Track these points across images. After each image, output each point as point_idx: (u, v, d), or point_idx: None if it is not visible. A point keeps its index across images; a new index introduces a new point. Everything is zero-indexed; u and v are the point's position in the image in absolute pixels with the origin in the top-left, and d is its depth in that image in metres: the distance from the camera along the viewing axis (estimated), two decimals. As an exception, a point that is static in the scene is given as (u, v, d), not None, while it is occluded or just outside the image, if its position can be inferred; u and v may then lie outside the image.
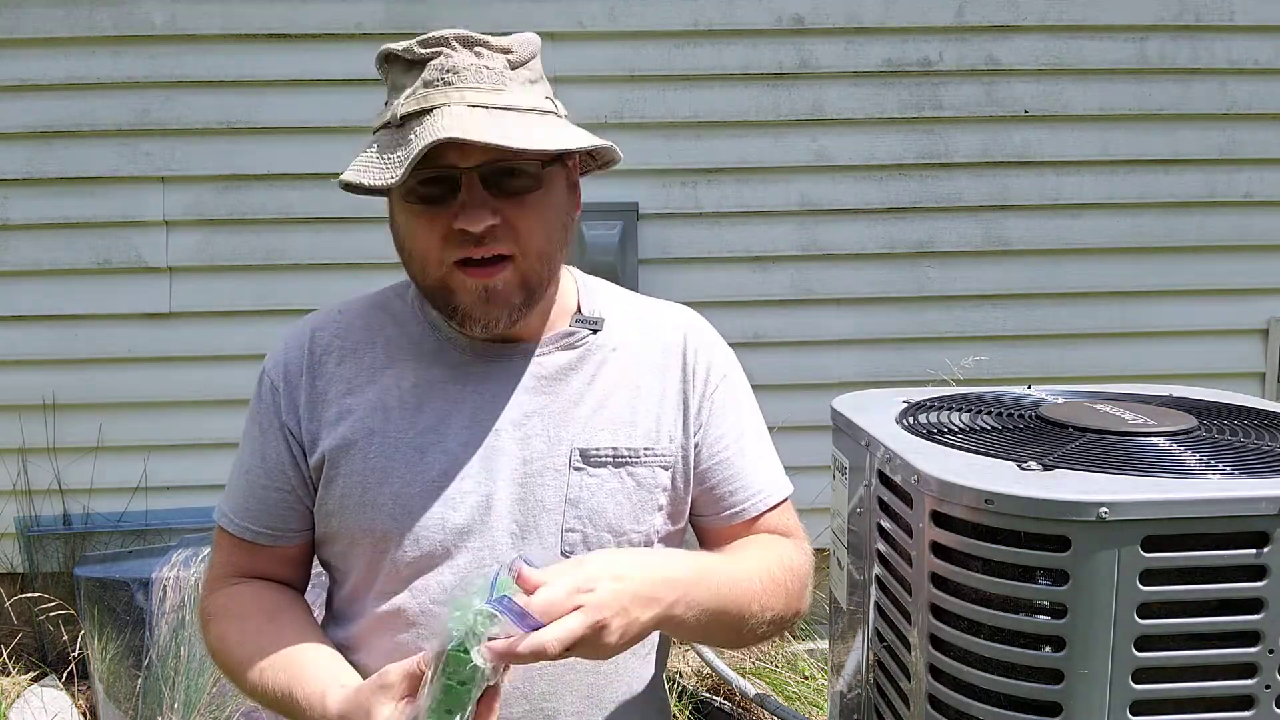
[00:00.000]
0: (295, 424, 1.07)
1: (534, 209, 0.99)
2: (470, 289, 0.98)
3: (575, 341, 1.10)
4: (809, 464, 3.04)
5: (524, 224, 0.98)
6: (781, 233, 3.18)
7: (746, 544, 1.12)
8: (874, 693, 1.11)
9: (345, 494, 1.04)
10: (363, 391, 1.06)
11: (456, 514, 1.02)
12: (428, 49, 0.97)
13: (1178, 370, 3.21)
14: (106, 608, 2.71)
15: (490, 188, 0.96)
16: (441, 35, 0.97)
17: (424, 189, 0.97)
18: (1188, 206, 3.24)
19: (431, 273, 0.99)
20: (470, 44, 0.98)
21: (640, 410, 1.09)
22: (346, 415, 1.05)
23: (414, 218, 0.98)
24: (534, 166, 0.98)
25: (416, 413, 1.05)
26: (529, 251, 0.99)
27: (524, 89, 0.99)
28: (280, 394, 1.08)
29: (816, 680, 2.82)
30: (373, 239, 3.04)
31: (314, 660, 1.00)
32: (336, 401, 1.06)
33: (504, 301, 0.99)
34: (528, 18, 3.01)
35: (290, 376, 1.08)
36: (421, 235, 0.98)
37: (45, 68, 3.01)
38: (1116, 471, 0.87)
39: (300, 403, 1.07)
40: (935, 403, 1.22)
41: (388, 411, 1.05)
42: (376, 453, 1.04)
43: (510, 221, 0.97)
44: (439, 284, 1.00)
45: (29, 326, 3.09)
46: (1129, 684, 0.83)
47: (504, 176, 0.97)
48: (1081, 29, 3.15)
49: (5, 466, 3.09)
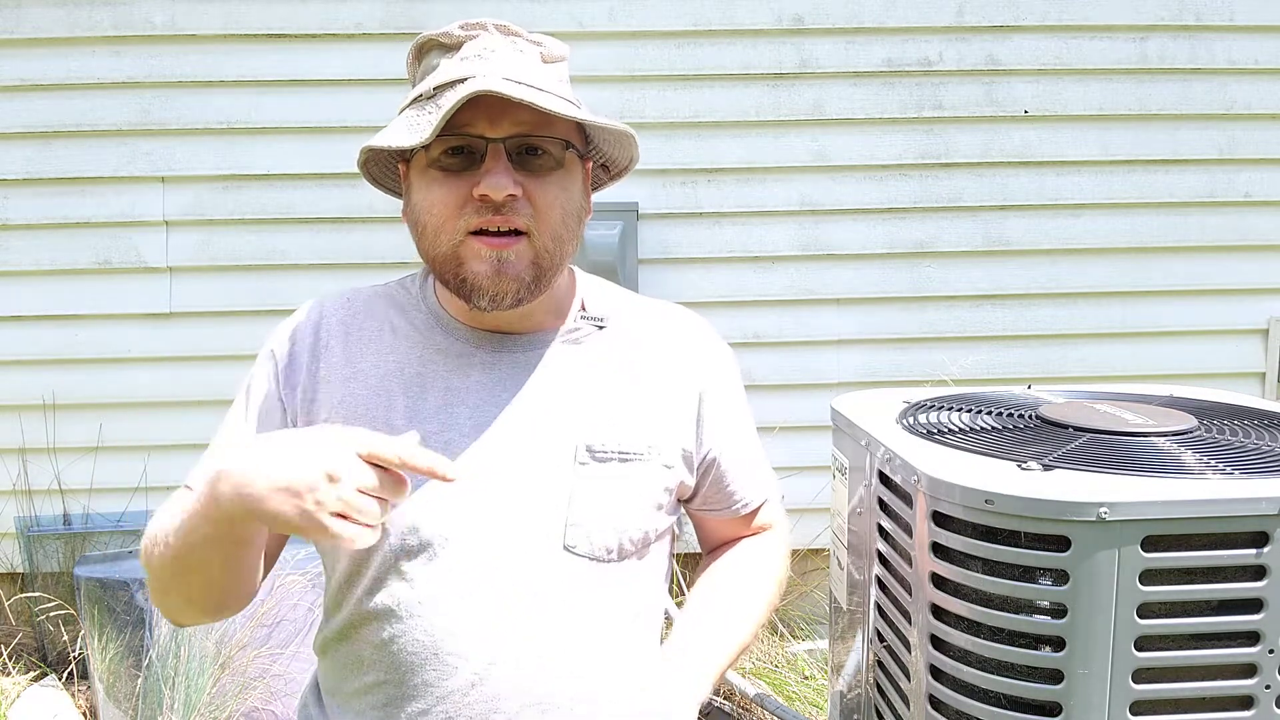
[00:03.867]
0: (293, 403, 1.06)
1: (553, 188, 1.00)
2: (484, 257, 0.98)
3: (580, 337, 1.11)
4: (809, 464, 3.06)
5: (543, 200, 0.99)
6: (781, 233, 3.18)
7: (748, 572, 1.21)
8: (874, 693, 1.11)
9: None
10: (365, 377, 1.06)
11: (454, 505, 1.02)
12: (466, 31, 1.00)
13: (1178, 370, 3.21)
14: (106, 608, 2.70)
15: (514, 162, 0.98)
16: (480, 21, 1.01)
17: (449, 159, 0.98)
18: (1188, 206, 3.24)
19: (445, 241, 0.99)
20: (507, 32, 1.02)
21: (644, 408, 1.10)
22: (348, 400, 1.05)
23: (434, 185, 0.99)
24: (557, 148, 1.00)
25: (419, 401, 1.05)
26: (544, 229, 0.99)
27: (555, 81, 1.02)
28: (282, 372, 1.07)
29: (816, 680, 2.82)
30: (373, 239, 3.05)
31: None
32: (340, 385, 1.06)
33: (514, 275, 0.99)
34: (528, 18, 3.01)
35: (295, 355, 1.08)
36: (440, 202, 0.98)
37: (45, 68, 3.01)
38: (1116, 471, 0.87)
39: (300, 383, 1.07)
40: (935, 403, 1.22)
41: (390, 398, 1.05)
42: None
43: (530, 196, 0.98)
44: (450, 254, 0.99)
45: (29, 326, 3.09)
46: (1129, 684, 0.83)
47: (529, 153, 0.99)
48: (1081, 29, 3.15)
49: (5, 466, 3.09)
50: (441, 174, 0.99)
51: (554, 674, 1.02)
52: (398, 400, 1.05)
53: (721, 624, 1.14)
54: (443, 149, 0.98)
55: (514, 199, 0.97)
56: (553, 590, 1.02)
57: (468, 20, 1.01)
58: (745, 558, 1.23)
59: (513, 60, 0.99)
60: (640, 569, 1.09)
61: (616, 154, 1.14)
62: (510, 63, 0.98)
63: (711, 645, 1.11)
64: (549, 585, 1.02)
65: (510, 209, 0.97)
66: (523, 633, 1.01)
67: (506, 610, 1.01)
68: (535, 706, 1.01)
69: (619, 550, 1.05)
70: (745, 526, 1.24)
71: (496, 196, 0.95)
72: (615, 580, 1.06)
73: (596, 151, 1.13)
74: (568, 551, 1.02)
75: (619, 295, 1.19)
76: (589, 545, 1.03)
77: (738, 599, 1.18)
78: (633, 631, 1.09)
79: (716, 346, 1.19)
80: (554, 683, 1.02)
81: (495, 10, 3.02)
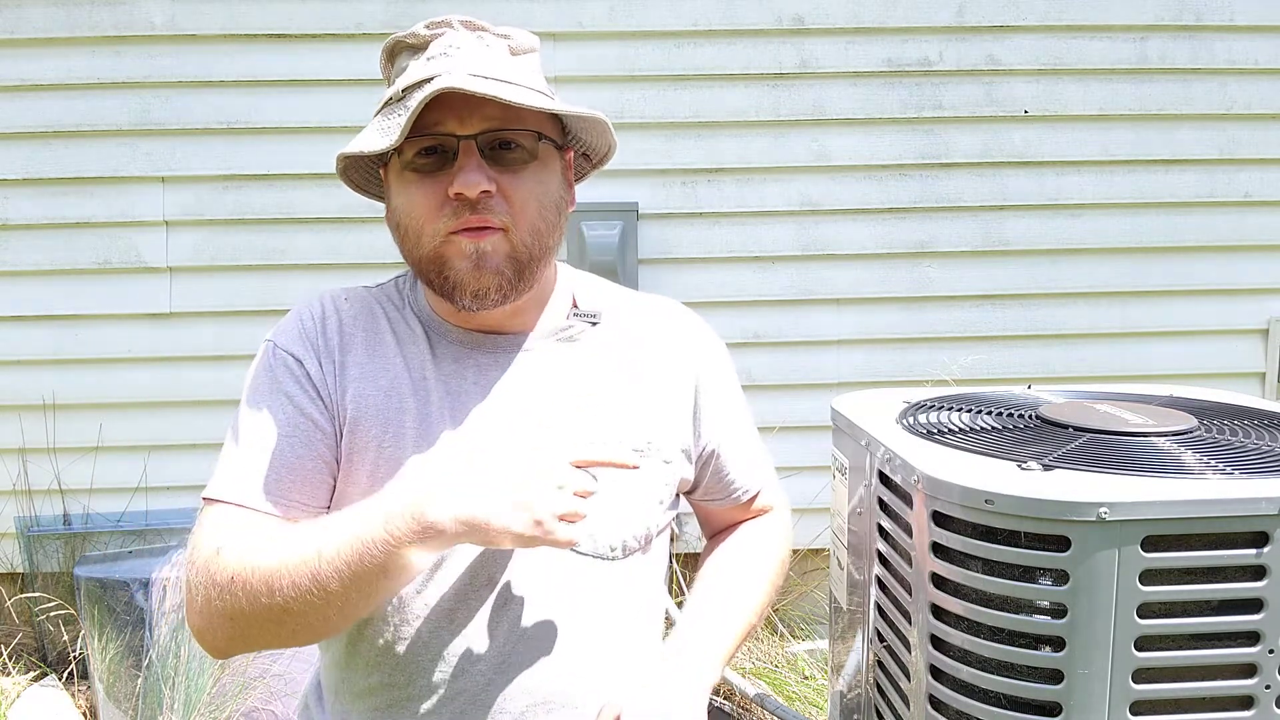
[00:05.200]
0: (328, 394, 1.03)
1: (528, 181, 1.00)
2: (463, 252, 0.98)
3: (574, 334, 1.10)
4: (809, 464, 3.05)
5: (518, 195, 0.99)
6: (781, 233, 3.18)
7: (748, 557, 1.22)
8: (874, 693, 1.11)
9: (354, 481, 1.02)
10: (375, 379, 1.04)
11: None
12: (431, 30, 1.00)
13: (1178, 370, 3.21)
14: (106, 608, 2.71)
15: (486, 158, 0.97)
16: (445, 19, 1.01)
17: (421, 160, 0.98)
18: (1187, 206, 3.24)
19: (426, 244, 0.99)
20: (472, 27, 1.02)
21: (642, 405, 1.10)
22: (359, 399, 1.03)
23: (410, 188, 0.99)
24: (530, 141, 1.00)
25: (426, 406, 1.04)
26: (521, 224, 0.99)
27: (524, 73, 1.02)
28: (307, 366, 1.03)
29: (816, 680, 2.82)
30: (373, 239, 3.05)
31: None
32: (355, 383, 1.04)
33: (493, 269, 0.98)
34: (528, 18, 3.01)
35: (314, 350, 1.04)
36: (418, 205, 0.99)
37: (45, 68, 3.01)
38: (1116, 471, 0.87)
39: (325, 376, 1.04)
40: (935, 403, 1.22)
41: (402, 401, 1.04)
42: (392, 441, 1.02)
43: (505, 192, 0.98)
44: (433, 255, 0.99)
45: (29, 326, 3.09)
46: (1129, 684, 0.83)
47: (500, 148, 0.99)
48: (1081, 29, 3.15)
49: (5, 466, 3.09)
50: (417, 176, 0.99)
51: (559, 673, 1.02)
52: (409, 403, 1.04)
53: (721, 614, 1.14)
54: (415, 150, 0.98)
55: (488, 195, 0.97)
56: (557, 589, 1.02)
57: (433, 19, 1.01)
58: (745, 543, 1.24)
59: (479, 55, 0.99)
60: (642, 565, 1.10)
61: (595, 142, 1.12)
62: (476, 58, 0.98)
63: (713, 637, 1.11)
64: (554, 584, 1.02)
65: (485, 207, 0.97)
66: (528, 633, 1.01)
67: (511, 610, 1.01)
68: (541, 706, 1.02)
69: (623, 548, 1.06)
70: (745, 512, 1.27)
71: (470, 194, 0.95)
72: (619, 578, 1.06)
73: (576, 140, 1.12)
74: (572, 551, 1.02)
75: (609, 290, 1.20)
76: (593, 544, 1.03)
77: (738, 586, 1.19)
78: (636, 629, 1.09)
79: (708, 338, 1.20)
80: (558, 681, 1.02)
81: (496, 10, 3.03)
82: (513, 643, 1.01)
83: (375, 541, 0.86)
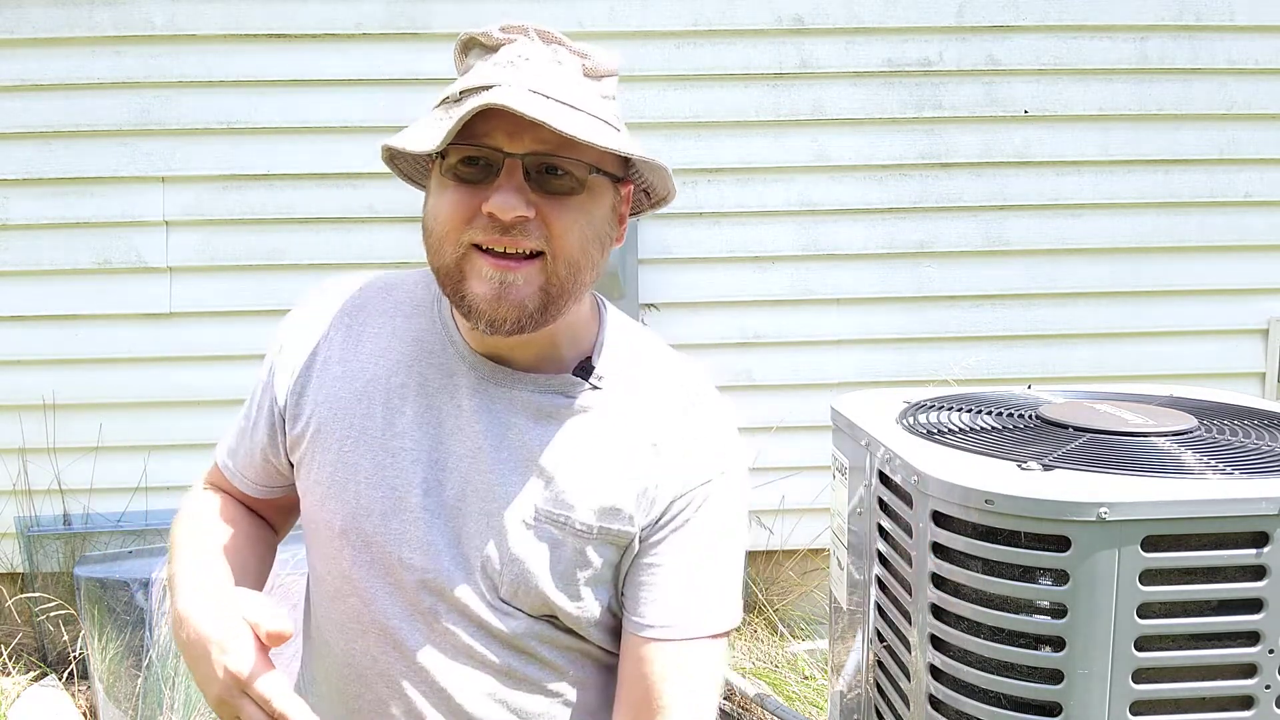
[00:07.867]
0: (285, 391, 1.05)
1: (571, 211, 0.92)
2: (486, 277, 0.91)
3: (572, 390, 1.01)
4: (809, 464, 3.06)
5: (559, 225, 0.91)
6: (781, 233, 3.18)
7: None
8: (874, 693, 1.11)
9: (317, 480, 1.02)
10: (353, 379, 1.03)
11: (410, 530, 0.99)
12: (505, 34, 0.94)
13: (1178, 370, 3.21)
14: (106, 608, 2.71)
15: (531, 180, 0.90)
16: (522, 25, 0.94)
17: (463, 168, 0.91)
18: (1188, 206, 3.24)
19: (448, 252, 0.92)
20: (548, 39, 0.95)
21: (614, 488, 1.00)
22: (331, 399, 1.03)
23: (447, 192, 0.92)
24: (581, 170, 0.92)
25: (397, 415, 1.01)
26: (559, 254, 0.91)
27: (593, 99, 0.94)
28: (282, 357, 1.07)
29: (816, 680, 2.82)
30: (373, 239, 3.04)
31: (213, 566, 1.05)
32: (331, 381, 1.04)
33: (516, 301, 0.91)
34: (528, 18, 2.99)
35: (299, 341, 1.07)
36: (447, 211, 0.92)
37: (45, 68, 3.01)
38: (1116, 471, 0.87)
39: (296, 369, 1.05)
40: (935, 403, 1.22)
41: (370, 406, 1.01)
42: (352, 445, 1.01)
43: (545, 219, 0.90)
44: (454, 265, 0.92)
45: (29, 326, 3.08)
46: (1129, 684, 0.83)
47: (548, 174, 0.91)
48: (1081, 29, 3.15)
49: (5, 466, 3.09)
50: (455, 183, 0.91)
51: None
52: (376, 409, 1.01)
53: None
54: (459, 157, 0.91)
55: (524, 220, 0.89)
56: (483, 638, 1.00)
57: (509, 22, 0.94)
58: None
59: (546, 72, 0.92)
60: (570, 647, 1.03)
61: (657, 182, 1.03)
62: (543, 74, 0.91)
63: None
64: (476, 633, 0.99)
65: (520, 231, 0.90)
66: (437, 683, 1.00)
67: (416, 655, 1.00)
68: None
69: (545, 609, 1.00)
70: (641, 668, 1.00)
71: (504, 217, 0.88)
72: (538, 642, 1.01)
73: (639, 176, 1.03)
74: (504, 604, 0.99)
75: (635, 353, 1.06)
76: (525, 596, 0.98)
77: None
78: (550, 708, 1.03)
79: (717, 464, 1.02)
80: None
81: (495, 10, 3.03)
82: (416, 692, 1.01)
83: (179, 580, 1.04)
